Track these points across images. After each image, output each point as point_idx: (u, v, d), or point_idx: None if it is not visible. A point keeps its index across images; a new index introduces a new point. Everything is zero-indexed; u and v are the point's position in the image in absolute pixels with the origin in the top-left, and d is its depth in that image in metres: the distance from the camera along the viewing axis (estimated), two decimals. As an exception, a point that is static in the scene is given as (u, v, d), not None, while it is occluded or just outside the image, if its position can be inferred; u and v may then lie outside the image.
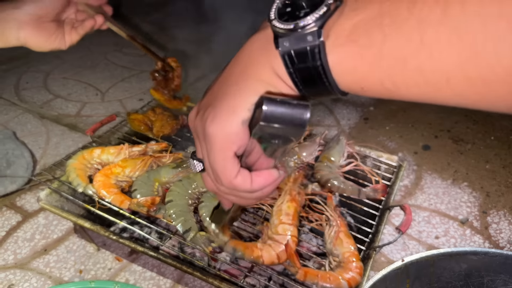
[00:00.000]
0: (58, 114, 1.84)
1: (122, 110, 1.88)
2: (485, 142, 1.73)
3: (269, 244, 0.95)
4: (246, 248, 0.93)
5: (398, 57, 0.34)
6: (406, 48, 0.33)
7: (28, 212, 1.34)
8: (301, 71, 0.39)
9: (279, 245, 0.95)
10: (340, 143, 1.26)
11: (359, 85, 0.38)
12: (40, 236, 1.26)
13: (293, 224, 1.00)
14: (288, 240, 0.95)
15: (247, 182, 0.46)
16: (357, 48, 0.36)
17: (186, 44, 2.51)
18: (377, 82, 0.36)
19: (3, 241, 1.24)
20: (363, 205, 1.13)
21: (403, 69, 0.34)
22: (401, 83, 0.35)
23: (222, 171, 0.45)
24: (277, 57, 0.39)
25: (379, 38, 0.34)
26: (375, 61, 0.35)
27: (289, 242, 0.94)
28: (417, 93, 0.35)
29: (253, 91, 0.42)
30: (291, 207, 1.05)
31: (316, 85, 0.39)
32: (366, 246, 1.01)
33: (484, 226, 1.34)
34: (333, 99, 2.02)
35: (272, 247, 0.95)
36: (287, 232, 0.97)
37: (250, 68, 0.43)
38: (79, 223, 1.05)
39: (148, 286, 1.13)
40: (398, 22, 0.33)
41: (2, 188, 1.37)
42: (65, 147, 1.63)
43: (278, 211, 1.04)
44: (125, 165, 1.14)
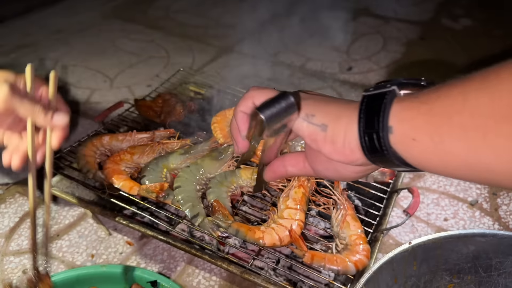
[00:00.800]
0: (67, 101, 1.85)
1: (130, 96, 1.88)
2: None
3: (273, 228, 0.96)
4: (249, 230, 0.95)
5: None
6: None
7: (41, 198, 1.36)
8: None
9: (283, 228, 0.96)
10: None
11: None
12: (52, 222, 1.28)
13: (300, 209, 1.01)
14: (293, 224, 0.96)
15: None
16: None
17: (192, 29, 2.50)
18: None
19: (17, 227, 1.27)
20: (370, 188, 1.13)
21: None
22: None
23: None
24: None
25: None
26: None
27: (293, 227, 0.95)
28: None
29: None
30: (298, 192, 1.05)
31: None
32: (374, 229, 1.02)
33: (494, 208, 1.34)
34: (341, 81, 2.01)
35: (275, 230, 0.96)
36: (293, 217, 0.98)
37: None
38: (90, 209, 1.07)
39: (159, 269, 1.15)
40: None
41: (14, 174, 1.40)
42: (75, 134, 1.65)
43: (285, 197, 1.05)
44: (133, 151, 1.15)
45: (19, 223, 1.28)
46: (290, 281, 1.05)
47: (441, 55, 2.23)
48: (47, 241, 0.76)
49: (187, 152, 1.13)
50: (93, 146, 1.18)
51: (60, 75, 2.03)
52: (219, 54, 2.27)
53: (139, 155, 1.15)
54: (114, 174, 1.09)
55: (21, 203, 1.34)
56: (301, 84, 1.98)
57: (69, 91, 1.93)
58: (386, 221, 1.03)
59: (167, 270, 1.15)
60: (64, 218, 1.29)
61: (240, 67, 2.12)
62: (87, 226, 1.27)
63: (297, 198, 1.03)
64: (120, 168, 1.12)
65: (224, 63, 2.19)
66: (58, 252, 1.19)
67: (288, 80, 2.02)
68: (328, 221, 1.07)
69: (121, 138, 1.20)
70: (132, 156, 1.14)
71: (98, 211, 1.06)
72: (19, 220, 1.28)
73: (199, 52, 2.28)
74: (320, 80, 2.02)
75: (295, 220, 0.97)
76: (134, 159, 1.14)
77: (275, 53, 2.29)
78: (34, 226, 0.71)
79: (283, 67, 2.14)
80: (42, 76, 0.71)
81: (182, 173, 1.06)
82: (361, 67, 2.13)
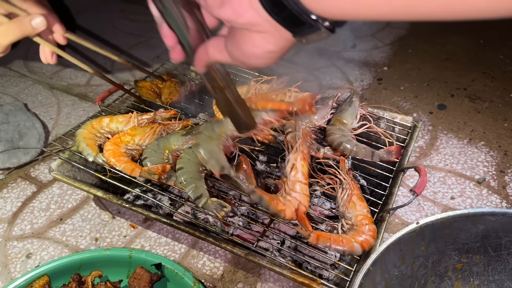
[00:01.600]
0: (68, 84, 1.83)
1: (131, 78, 1.86)
2: (503, 99, 1.67)
3: (289, 200, 0.95)
4: (272, 200, 0.92)
5: None
6: None
7: (43, 183, 1.35)
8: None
9: (296, 202, 0.95)
10: (353, 105, 1.22)
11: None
12: (55, 206, 1.27)
13: (307, 182, 1.00)
14: (304, 200, 0.95)
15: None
16: None
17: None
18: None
19: (20, 211, 1.26)
20: (376, 168, 1.11)
21: None
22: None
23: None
24: None
25: None
26: None
27: (299, 207, 0.93)
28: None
29: None
30: (304, 166, 1.04)
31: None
32: (380, 209, 1.00)
33: (502, 186, 1.32)
34: (345, 59, 1.97)
35: (292, 204, 0.94)
36: (305, 192, 0.97)
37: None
38: (92, 192, 1.06)
39: (163, 252, 1.14)
40: None
41: (15, 159, 1.38)
42: (76, 117, 1.63)
43: (295, 169, 1.03)
44: (134, 133, 1.13)
45: (22, 207, 1.27)
46: (295, 262, 1.04)
47: (448, 29, 2.18)
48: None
49: (189, 133, 1.11)
50: (93, 128, 1.16)
51: (60, 59, 2.00)
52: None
53: (140, 136, 1.13)
54: (115, 156, 1.07)
55: (23, 188, 1.33)
56: (305, 63, 1.94)
57: (69, 74, 1.90)
58: (392, 201, 1.01)
59: (172, 253, 1.14)
60: (67, 202, 1.28)
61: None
62: (90, 209, 1.26)
63: (305, 172, 1.02)
64: (121, 150, 1.10)
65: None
66: (61, 236, 1.18)
67: (291, 59, 1.98)
68: (333, 202, 1.05)
69: (122, 120, 1.18)
70: (133, 138, 1.12)
71: (101, 195, 1.04)
72: (22, 205, 1.28)
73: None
74: (323, 58, 1.98)
75: (307, 195, 0.97)
76: (135, 141, 1.12)
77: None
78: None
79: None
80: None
81: (184, 154, 1.04)
82: (365, 44, 2.09)
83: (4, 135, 1.44)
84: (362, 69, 1.89)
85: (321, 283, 0.84)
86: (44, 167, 1.40)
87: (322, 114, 1.22)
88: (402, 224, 1.20)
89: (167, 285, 0.98)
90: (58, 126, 1.58)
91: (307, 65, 1.93)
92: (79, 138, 1.12)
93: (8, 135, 1.44)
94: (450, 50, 2.01)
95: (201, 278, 1.08)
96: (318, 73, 1.87)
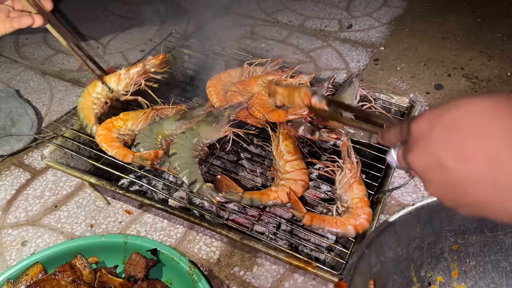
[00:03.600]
0: (60, 69, 1.80)
1: (124, 62, 1.83)
2: (501, 78, 1.66)
3: (283, 185, 0.95)
4: (262, 195, 0.93)
5: None
6: None
7: (37, 170, 1.34)
8: None
9: (292, 181, 0.95)
10: (353, 85, 1.21)
11: None
12: (49, 193, 1.26)
13: (298, 157, 1.01)
14: (300, 176, 0.95)
15: None
16: None
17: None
18: None
19: (14, 199, 1.25)
20: (372, 150, 1.10)
21: None
22: None
23: None
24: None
25: None
26: None
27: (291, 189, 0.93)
28: None
29: None
30: (288, 144, 1.04)
31: None
32: (376, 190, 0.99)
33: (499, 166, 1.31)
34: (341, 40, 1.94)
35: (286, 186, 0.94)
36: (296, 167, 0.97)
37: None
38: (85, 179, 1.05)
39: (159, 237, 1.14)
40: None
41: (8, 147, 1.37)
42: (69, 102, 1.61)
43: (280, 153, 1.03)
44: (126, 118, 1.11)
45: (16, 195, 1.26)
46: (291, 245, 1.04)
47: (445, 7, 2.15)
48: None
49: (182, 118, 1.09)
50: (89, 95, 1.13)
51: (52, 44, 1.96)
52: (215, 15, 2.19)
53: (132, 121, 1.11)
54: (107, 141, 1.06)
55: (16, 175, 1.32)
56: (300, 44, 1.91)
57: (61, 59, 1.87)
58: (388, 182, 1.00)
59: (168, 238, 1.14)
60: (61, 189, 1.27)
61: (236, 28, 2.05)
62: (85, 196, 1.25)
63: (290, 150, 1.02)
64: (113, 136, 1.08)
65: (220, 24, 2.11)
66: (56, 223, 1.18)
67: (286, 40, 1.95)
68: (329, 184, 1.05)
69: (114, 78, 1.14)
70: (125, 123, 1.10)
71: (94, 181, 1.03)
72: (16, 193, 1.27)
73: (194, 14, 2.20)
74: (319, 39, 1.95)
75: (300, 169, 0.98)
76: (127, 126, 1.11)
77: (272, 12, 2.20)
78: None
79: (280, 27, 2.06)
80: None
81: (178, 140, 1.03)
82: (362, 24, 2.06)
83: (-4, 122, 1.42)
84: (359, 50, 1.87)
85: (316, 266, 0.84)
86: (38, 154, 1.39)
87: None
88: (398, 205, 1.20)
89: (163, 270, 0.98)
90: (51, 112, 1.56)
91: (302, 46, 1.90)
92: (78, 108, 1.13)
93: (0, 122, 1.42)
94: (447, 29, 1.98)
95: (197, 262, 1.08)
96: (314, 54, 1.85)
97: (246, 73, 1.25)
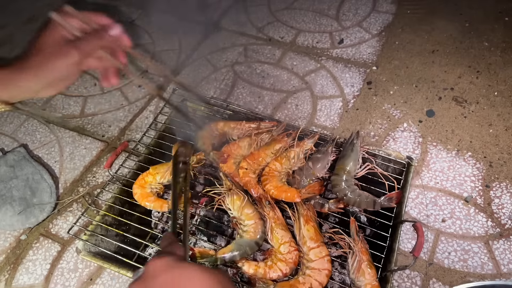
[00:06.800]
0: (62, 115, 1.84)
1: (125, 102, 1.86)
2: (488, 100, 1.75)
3: (309, 275, 1.07)
4: (292, 287, 1.05)
5: None
6: None
7: (65, 239, 1.44)
8: None
9: (318, 272, 1.06)
10: (355, 150, 1.28)
11: None
12: (82, 265, 1.37)
13: (319, 244, 1.11)
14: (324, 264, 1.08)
15: None
16: None
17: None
18: None
19: (50, 274, 1.36)
20: (375, 216, 1.21)
21: None
22: None
23: None
24: None
25: None
26: None
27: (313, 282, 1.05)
28: None
29: None
30: (310, 229, 1.14)
31: None
32: (382, 267, 1.12)
33: (487, 202, 1.44)
34: (334, 58, 1.98)
35: (312, 277, 1.06)
36: (319, 255, 1.09)
37: None
38: (122, 273, 1.16)
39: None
40: None
41: (34, 219, 1.45)
42: (80, 157, 1.67)
43: (302, 239, 1.13)
44: (156, 172, 1.28)
45: (51, 269, 1.36)
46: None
47: (433, 11, 2.18)
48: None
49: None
50: (210, 129, 1.37)
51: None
52: (205, 33, 2.19)
53: (160, 175, 1.28)
54: (143, 198, 1.25)
55: (47, 247, 1.41)
56: (294, 67, 1.96)
57: (60, 102, 1.90)
58: (394, 258, 1.13)
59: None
60: (91, 259, 1.38)
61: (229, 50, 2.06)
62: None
63: (312, 236, 1.13)
64: (147, 191, 1.28)
65: (212, 45, 2.12)
66: (95, 298, 1.30)
67: (280, 63, 1.99)
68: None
69: (233, 125, 1.37)
70: (155, 177, 1.28)
71: (130, 275, 1.14)
72: (51, 267, 1.37)
73: (185, 33, 2.19)
74: (312, 59, 1.99)
75: (323, 257, 1.09)
76: (156, 179, 1.28)
77: (263, 26, 2.21)
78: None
79: (273, 46, 2.08)
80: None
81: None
82: (353, 37, 2.09)
83: (16, 192, 1.49)
84: (352, 71, 1.92)
85: None
86: (62, 221, 1.48)
87: (323, 164, 1.29)
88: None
89: None
90: (64, 170, 1.63)
91: (297, 69, 1.94)
92: (198, 136, 1.35)
93: (20, 192, 1.49)
94: (436, 39, 2.03)
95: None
96: (309, 78, 1.90)
97: (254, 145, 1.32)
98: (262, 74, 1.95)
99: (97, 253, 1.21)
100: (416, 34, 2.07)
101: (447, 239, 1.37)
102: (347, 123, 1.71)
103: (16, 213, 1.45)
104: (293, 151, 1.31)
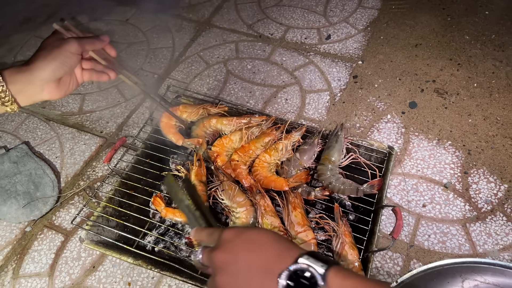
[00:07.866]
0: (61, 112, 1.91)
1: (121, 99, 1.94)
2: (468, 91, 1.84)
3: None
4: None
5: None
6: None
7: (68, 230, 1.52)
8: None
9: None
10: (339, 141, 1.37)
11: None
12: (85, 254, 1.46)
13: (306, 228, 1.20)
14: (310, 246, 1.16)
15: None
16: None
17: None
18: None
19: (55, 263, 1.44)
20: (357, 201, 1.31)
21: None
22: None
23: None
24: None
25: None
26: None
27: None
28: None
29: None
30: (297, 215, 1.23)
31: None
32: (364, 248, 1.21)
33: (465, 188, 1.54)
34: (322, 54, 2.07)
35: None
36: (306, 239, 1.17)
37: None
38: (124, 259, 1.24)
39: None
40: None
41: (38, 211, 1.54)
42: (79, 152, 1.75)
43: (290, 224, 1.23)
44: (184, 110, 1.47)
45: (56, 259, 1.45)
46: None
47: (416, 5, 2.26)
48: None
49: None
50: (203, 126, 1.45)
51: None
52: (198, 32, 2.26)
53: (187, 114, 1.47)
54: (166, 128, 1.44)
55: (51, 238, 1.50)
56: (284, 63, 2.04)
57: (59, 100, 1.97)
58: (375, 240, 1.22)
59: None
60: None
61: (221, 47, 2.14)
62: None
63: (299, 221, 1.22)
64: (172, 123, 1.46)
65: (204, 43, 2.19)
66: (98, 284, 1.38)
67: (270, 58, 2.07)
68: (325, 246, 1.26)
69: (225, 122, 1.45)
70: (182, 115, 1.47)
71: (132, 261, 1.22)
72: (55, 256, 1.46)
73: (177, 31, 2.27)
74: (301, 55, 2.07)
75: (309, 241, 1.17)
76: (183, 116, 1.47)
77: (253, 22, 2.28)
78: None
79: (263, 42, 2.16)
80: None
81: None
82: (340, 33, 2.17)
83: (20, 187, 1.57)
84: (339, 65, 2.00)
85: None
86: (65, 214, 1.56)
87: (309, 155, 1.38)
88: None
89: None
90: (65, 165, 1.71)
91: (286, 64, 2.03)
92: (193, 134, 1.45)
93: (24, 186, 1.57)
94: (419, 33, 2.11)
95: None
96: (298, 73, 1.98)
97: (245, 138, 1.40)
98: (253, 70, 2.03)
99: (99, 241, 1.29)
100: (400, 29, 2.15)
101: (427, 222, 1.46)
102: (334, 116, 1.79)
103: (21, 207, 1.53)
104: (282, 143, 1.39)
